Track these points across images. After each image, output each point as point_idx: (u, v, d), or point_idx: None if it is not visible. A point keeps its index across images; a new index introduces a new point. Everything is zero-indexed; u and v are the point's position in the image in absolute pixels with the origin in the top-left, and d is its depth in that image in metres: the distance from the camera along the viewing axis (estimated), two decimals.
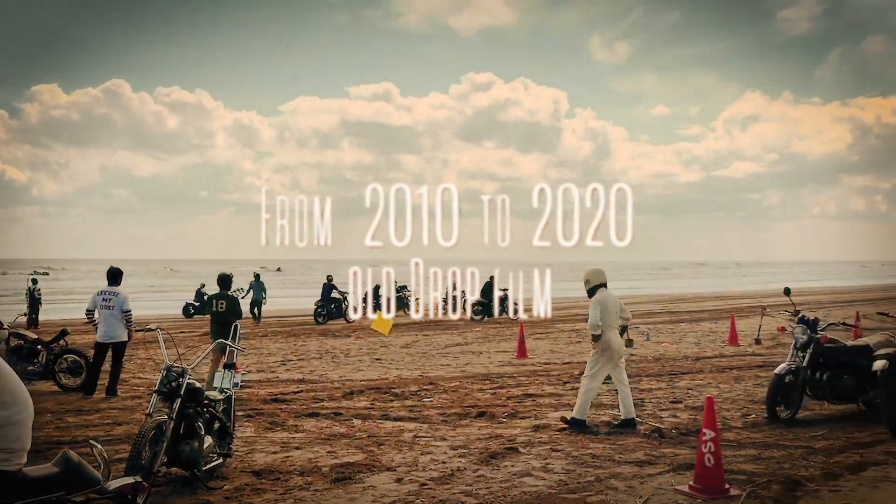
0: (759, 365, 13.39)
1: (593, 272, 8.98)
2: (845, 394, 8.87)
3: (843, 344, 9.09)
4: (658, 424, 8.66)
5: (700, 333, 20.06)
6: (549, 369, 13.58)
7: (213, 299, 11.21)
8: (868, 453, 7.32)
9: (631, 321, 9.26)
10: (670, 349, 16.47)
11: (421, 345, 18.05)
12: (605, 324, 8.67)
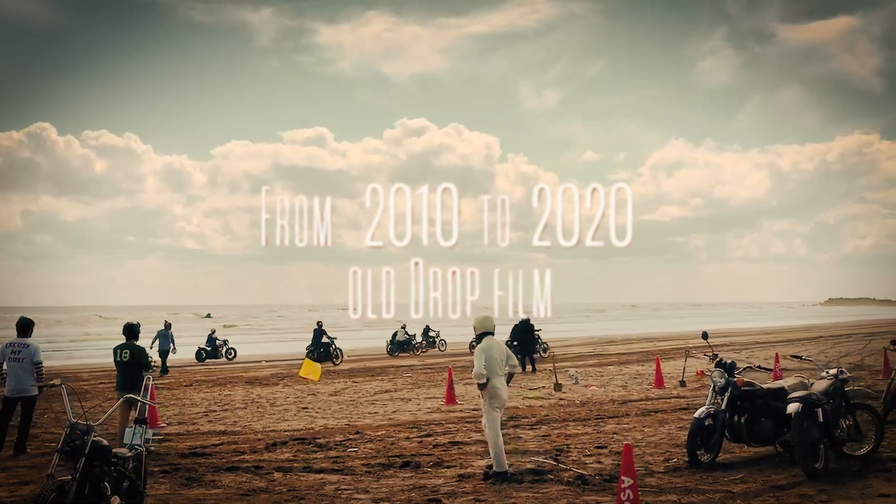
0: (683, 407, 13.58)
1: (481, 319, 8.99)
2: (763, 436, 9.03)
3: (759, 387, 9.28)
4: (581, 471, 8.65)
5: (628, 376, 20.30)
6: (478, 415, 13.45)
7: (117, 349, 10.63)
8: (784, 496, 7.45)
9: (517, 369, 9.28)
10: (598, 392, 16.60)
11: (350, 392, 17.79)
12: (492, 371, 8.68)
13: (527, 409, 14.23)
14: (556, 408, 14.30)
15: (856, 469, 8.51)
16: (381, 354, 32.20)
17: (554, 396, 16.12)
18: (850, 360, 24.09)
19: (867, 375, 18.80)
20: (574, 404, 14.75)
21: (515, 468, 8.81)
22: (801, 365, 18.37)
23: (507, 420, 12.66)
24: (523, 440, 10.84)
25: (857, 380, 17.39)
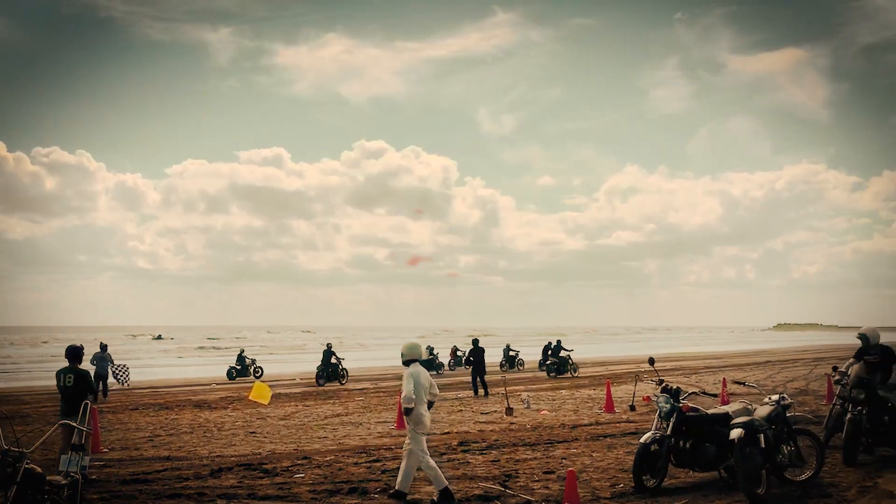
0: (632, 432, 13.68)
1: (409, 346, 9.24)
2: (707, 461, 9.11)
3: (704, 412, 9.39)
4: (529, 497, 8.64)
5: (579, 400, 20.40)
6: (428, 440, 13.37)
7: (60, 374, 10.28)
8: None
9: (438, 396, 9.33)
10: (549, 417, 16.64)
11: (300, 416, 17.58)
12: (418, 398, 8.81)
13: (477, 433, 14.20)
14: (506, 432, 14.29)
15: (797, 494, 8.65)
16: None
17: (505, 420, 16.12)
18: (796, 385, 24.56)
19: (812, 401, 19.18)
20: (525, 429, 14.76)
21: (463, 494, 8.78)
22: (746, 390, 18.70)
23: (457, 445, 12.66)
24: (472, 465, 10.80)
25: (802, 405, 17.77)
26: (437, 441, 13.23)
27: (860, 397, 10.67)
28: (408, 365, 9.05)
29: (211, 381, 30.55)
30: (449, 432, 14.41)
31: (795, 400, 18.96)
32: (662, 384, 9.58)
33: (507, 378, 23.71)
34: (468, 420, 16.35)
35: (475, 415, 17.33)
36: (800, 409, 16.38)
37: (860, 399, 10.66)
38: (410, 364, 9.04)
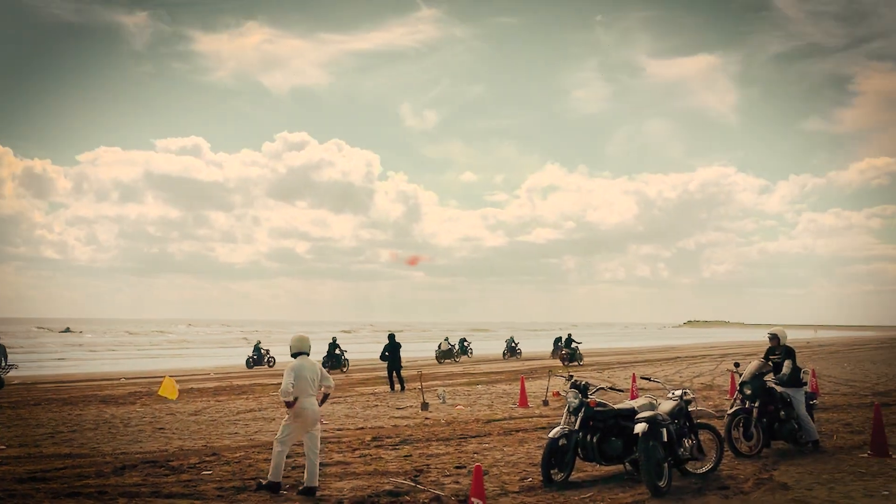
0: (544, 427, 13.90)
1: (298, 339, 9.31)
2: (613, 455, 9.36)
3: (610, 407, 9.63)
4: (438, 492, 8.69)
5: (494, 395, 20.62)
6: (341, 435, 13.35)
7: None
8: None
9: (332, 389, 9.37)
10: (464, 412, 16.77)
11: (211, 411, 17.21)
12: (301, 391, 8.84)
13: (392, 428, 14.20)
14: (421, 427, 14.33)
15: (696, 487, 8.95)
16: (264, 371, 31.42)
17: (420, 415, 16.17)
18: (703, 380, 25.42)
19: (716, 395, 19.88)
20: (439, 424, 14.83)
21: (373, 490, 8.76)
22: (653, 386, 19.24)
23: (370, 440, 12.62)
24: (384, 461, 10.78)
25: (707, 400, 18.40)
26: (351, 436, 13.17)
27: (747, 392, 11.17)
28: (295, 357, 9.07)
29: (120, 376, 29.62)
30: (363, 427, 14.36)
31: (700, 395, 19.68)
32: (572, 380, 9.77)
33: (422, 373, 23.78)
34: (383, 415, 16.33)
35: (391, 410, 17.32)
36: (704, 404, 16.97)
37: (748, 394, 11.15)
38: (298, 357, 9.06)
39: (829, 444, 11.81)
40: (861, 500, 8.08)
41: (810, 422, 11.29)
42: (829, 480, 9.12)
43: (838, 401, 18.40)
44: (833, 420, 14.61)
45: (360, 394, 21.46)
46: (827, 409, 16.36)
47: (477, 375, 28.88)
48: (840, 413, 15.88)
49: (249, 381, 26.92)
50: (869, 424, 12.35)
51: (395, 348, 23.00)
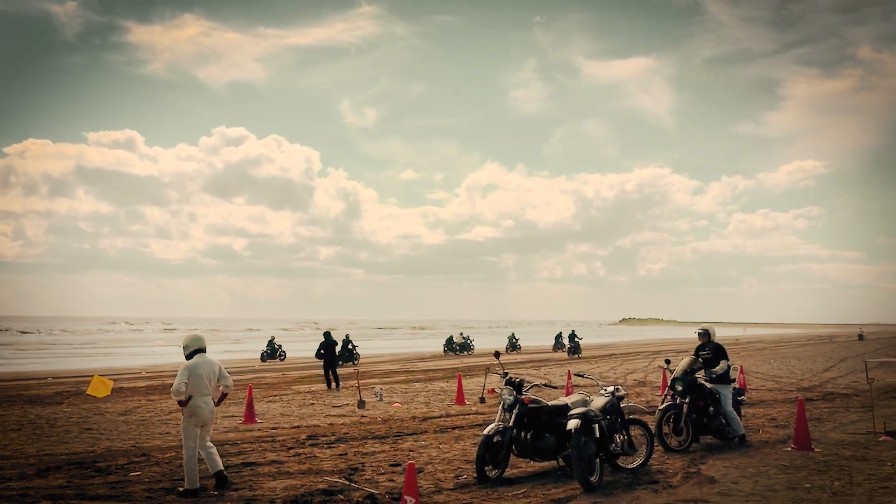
0: (480, 424, 13.97)
1: (193, 338, 9.19)
2: (547, 451, 9.45)
3: (545, 404, 9.72)
4: (372, 490, 8.65)
5: (432, 393, 20.65)
6: (276, 434, 13.19)
7: None
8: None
9: (231, 388, 9.28)
10: (401, 409, 16.74)
11: (142, 411, 16.80)
12: (196, 390, 8.73)
13: (327, 427, 14.08)
14: (356, 425, 14.25)
15: (627, 481, 9.11)
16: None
17: (357, 414, 16.08)
18: (636, 377, 25.90)
19: (649, 391, 20.28)
20: (376, 421, 14.77)
21: (306, 489, 8.67)
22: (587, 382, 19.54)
23: (305, 439, 12.50)
24: (319, 459, 10.68)
25: (640, 395, 18.75)
26: (286, 435, 13.02)
27: (678, 388, 11.44)
28: (190, 357, 8.92)
29: (48, 375, 28.70)
30: (299, 426, 14.21)
31: (634, 391, 20.05)
32: (507, 377, 9.84)
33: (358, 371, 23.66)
34: (319, 413, 16.19)
35: (327, 408, 17.18)
36: (637, 400, 17.28)
37: (679, 390, 11.42)
38: (193, 356, 8.92)
39: (755, 438, 12.15)
40: (784, 493, 8.33)
41: (737, 417, 11.60)
42: (755, 474, 9.38)
43: (765, 396, 18.96)
44: (759, 415, 15.04)
45: (296, 392, 21.23)
46: (754, 405, 16.84)
47: (415, 373, 28.88)
48: (766, 408, 16.36)
49: None
50: (793, 419, 12.76)
51: (331, 346, 22.82)
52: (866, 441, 11.62)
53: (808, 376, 25.89)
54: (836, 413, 15.26)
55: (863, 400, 17.28)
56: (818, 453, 10.64)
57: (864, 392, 19.07)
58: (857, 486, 8.50)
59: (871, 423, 13.07)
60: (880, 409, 15.11)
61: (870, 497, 8.01)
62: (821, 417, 14.52)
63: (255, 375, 28.22)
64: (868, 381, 14.23)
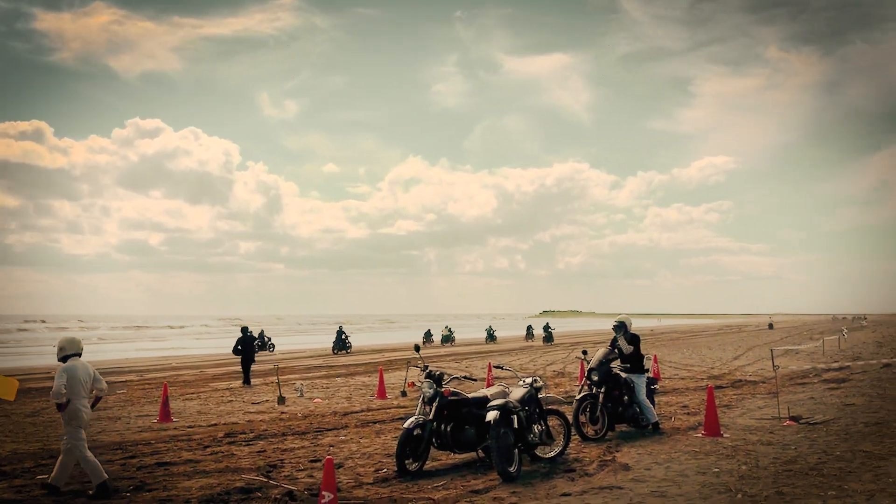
0: (401, 417, 13.97)
1: (67, 340, 8.96)
2: (467, 443, 9.54)
3: (465, 396, 9.80)
4: (291, 486, 8.55)
5: (353, 387, 20.55)
6: (193, 433, 12.90)
7: None
8: (479, 500, 7.90)
9: (105, 392, 9.09)
10: (321, 405, 16.60)
11: (50, 412, 16.15)
12: (74, 393, 8.53)
13: (246, 424, 13.85)
14: (276, 422, 14.07)
15: (545, 471, 9.27)
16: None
17: (276, 410, 15.87)
18: (555, 368, 26.36)
19: (567, 382, 20.66)
20: (296, 417, 14.61)
21: (223, 487, 8.52)
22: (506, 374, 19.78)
23: (223, 437, 12.26)
24: (237, 457, 10.50)
25: (559, 387, 19.08)
26: (203, 433, 12.75)
27: (594, 378, 11.72)
28: (65, 360, 8.67)
29: None
30: (216, 424, 13.93)
31: (552, 382, 20.40)
32: (427, 370, 9.87)
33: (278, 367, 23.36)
34: (238, 411, 15.91)
35: (246, 405, 16.90)
36: (555, 391, 17.60)
37: (595, 380, 11.70)
38: (68, 359, 8.67)
39: (668, 425, 12.53)
40: (694, 478, 8.61)
41: (651, 406, 11.94)
42: (667, 460, 9.68)
43: (677, 384, 19.57)
44: (672, 403, 15.52)
45: (214, 389, 20.81)
46: (667, 393, 17.36)
47: (337, 368, 28.68)
48: (679, 396, 16.89)
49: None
50: (703, 406, 13.20)
51: (249, 342, 22.43)
52: (771, 426, 12.12)
53: (719, 365, 26.84)
54: (744, 399, 15.87)
55: (769, 387, 18.02)
56: (727, 439, 11.04)
57: (769, 379, 19.89)
58: (763, 470, 8.86)
59: (776, 408, 13.64)
60: (785, 395, 15.80)
61: (774, 480, 8.36)
62: (729, 404, 15.08)
63: (172, 373, 27.54)
64: (774, 368, 14.84)
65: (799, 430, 11.59)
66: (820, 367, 22.71)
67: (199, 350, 47.73)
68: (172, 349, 48.59)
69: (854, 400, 14.86)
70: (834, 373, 21.21)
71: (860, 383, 17.95)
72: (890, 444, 10.09)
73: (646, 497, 7.77)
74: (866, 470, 8.64)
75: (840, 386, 17.64)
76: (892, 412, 12.95)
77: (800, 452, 9.82)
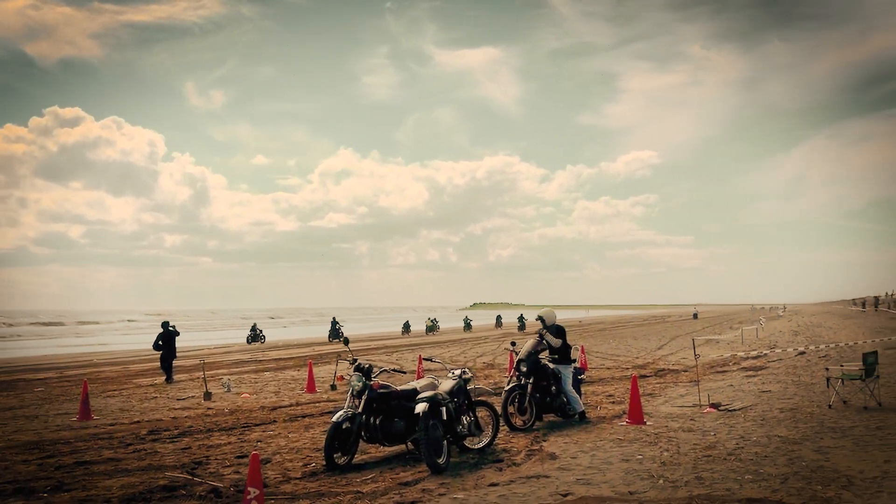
0: (331, 411, 13.87)
1: None
2: (396, 436, 9.54)
3: (394, 389, 9.80)
4: (216, 483, 8.41)
5: (282, 382, 20.31)
6: (114, 431, 12.55)
7: None
8: (408, 492, 7.92)
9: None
10: (249, 400, 16.37)
11: None
12: None
13: (170, 420, 13.55)
14: (202, 418, 13.80)
15: (474, 461, 9.35)
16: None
17: (202, 406, 15.57)
18: (485, 359, 26.57)
19: (497, 373, 20.85)
20: (223, 413, 14.37)
21: (146, 486, 8.32)
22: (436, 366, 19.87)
23: (146, 434, 11.98)
24: (161, 454, 10.26)
25: (488, 378, 19.24)
26: (125, 431, 12.42)
27: (523, 369, 11.88)
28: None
29: None
30: (139, 421, 13.59)
31: (483, 374, 20.57)
32: (356, 363, 9.83)
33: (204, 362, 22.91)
34: (162, 407, 15.55)
35: (171, 401, 16.53)
36: (485, 382, 17.76)
37: (524, 371, 11.86)
38: None
39: (594, 414, 12.78)
40: (618, 465, 8.82)
41: (577, 395, 12.17)
42: (592, 448, 9.88)
43: (604, 374, 19.98)
44: (598, 392, 15.83)
45: (137, 386, 20.29)
46: (593, 383, 17.71)
47: (265, 363, 28.31)
48: (604, 385, 17.24)
49: (9, 376, 24.60)
50: (628, 395, 13.51)
51: (171, 337, 21.89)
52: (692, 413, 12.49)
53: (643, 354, 27.50)
54: (667, 388, 16.31)
55: (690, 375, 18.56)
56: (650, 426, 11.33)
57: (691, 368, 20.49)
58: (684, 456, 9.12)
59: (697, 396, 14.07)
60: (705, 383, 16.31)
61: (694, 465, 8.62)
62: (653, 393, 15.47)
63: (94, 370, 26.74)
64: (695, 357, 15.30)
65: (718, 417, 11.98)
66: (739, 356, 23.51)
67: (122, 346, 46.47)
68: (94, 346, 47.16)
69: (770, 387, 15.43)
70: (752, 361, 21.98)
71: (776, 371, 18.65)
72: (804, 429, 10.51)
73: (571, 485, 7.92)
74: (781, 454, 8.98)
75: (757, 373, 18.29)
76: (805, 398, 13.49)
77: (719, 438, 10.15)
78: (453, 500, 7.50)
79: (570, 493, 7.57)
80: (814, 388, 14.68)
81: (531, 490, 7.79)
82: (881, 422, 10.76)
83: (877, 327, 38.05)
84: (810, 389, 14.53)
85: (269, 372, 23.62)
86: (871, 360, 12.47)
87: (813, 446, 9.36)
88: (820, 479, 7.69)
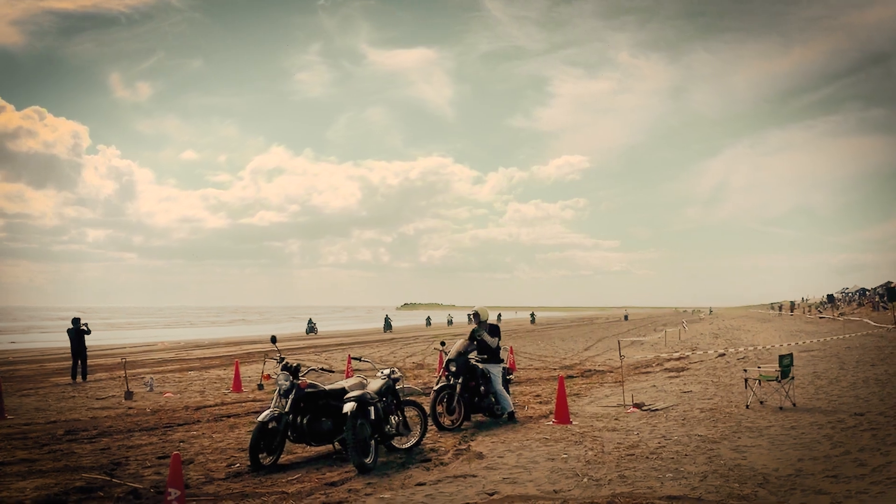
0: (257, 411, 13.67)
1: None
2: (323, 435, 9.44)
3: (322, 388, 9.70)
4: (136, 484, 8.18)
5: (207, 381, 19.91)
6: (29, 431, 12.09)
7: None
8: (334, 492, 7.85)
9: None
10: (173, 399, 15.99)
11: None
12: None
13: (89, 420, 13.13)
14: (122, 418, 13.42)
15: (401, 461, 9.33)
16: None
17: (123, 405, 15.14)
18: (415, 359, 26.59)
19: (426, 373, 20.88)
20: (144, 413, 13.99)
21: (62, 488, 8.04)
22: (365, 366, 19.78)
23: (63, 434, 11.58)
24: (78, 455, 9.93)
25: (418, 378, 19.24)
26: (40, 431, 11.98)
27: (452, 369, 11.93)
28: None
29: None
30: (56, 421, 13.12)
31: (412, 374, 20.57)
32: (283, 362, 9.70)
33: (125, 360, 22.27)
34: (80, 407, 15.05)
35: (90, 401, 16.02)
36: (414, 382, 17.75)
37: (453, 371, 11.91)
38: None
39: (522, 414, 12.92)
40: (544, 464, 8.93)
41: (506, 395, 12.27)
42: (519, 447, 9.97)
43: (532, 375, 20.21)
44: (526, 392, 16.01)
45: (54, 384, 19.60)
46: (522, 383, 17.90)
47: (190, 361, 27.70)
48: (532, 386, 17.44)
49: None
50: (555, 395, 13.69)
51: (80, 334, 21.10)
52: (617, 413, 12.75)
53: (570, 355, 27.93)
54: (593, 388, 16.60)
55: (616, 376, 18.94)
56: (575, 426, 11.51)
57: (616, 369, 20.91)
58: (608, 455, 9.30)
59: (621, 396, 14.36)
60: (630, 384, 16.67)
61: (618, 463, 8.79)
62: (579, 393, 15.73)
63: (8, 368, 25.71)
64: (620, 358, 15.59)
65: (642, 417, 12.25)
66: (662, 357, 24.10)
67: (39, 343, 44.82)
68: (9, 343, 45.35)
69: (691, 387, 15.86)
70: (674, 362, 22.57)
71: (697, 372, 19.18)
72: (722, 429, 10.83)
73: (498, 484, 7.98)
74: (700, 453, 9.23)
75: (679, 374, 18.77)
76: (724, 399, 13.90)
77: (641, 437, 10.38)
78: (380, 500, 7.47)
79: (497, 492, 7.63)
80: (732, 388, 15.14)
81: (458, 489, 7.82)
82: (795, 422, 11.16)
83: (792, 331, 39.53)
84: (729, 390, 14.98)
85: (194, 371, 23.12)
86: (787, 362, 12.94)
87: (731, 445, 9.65)
88: (737, 477, 7.93)
